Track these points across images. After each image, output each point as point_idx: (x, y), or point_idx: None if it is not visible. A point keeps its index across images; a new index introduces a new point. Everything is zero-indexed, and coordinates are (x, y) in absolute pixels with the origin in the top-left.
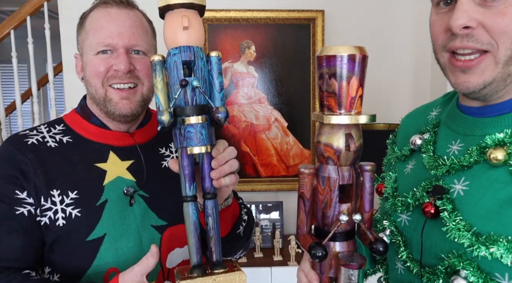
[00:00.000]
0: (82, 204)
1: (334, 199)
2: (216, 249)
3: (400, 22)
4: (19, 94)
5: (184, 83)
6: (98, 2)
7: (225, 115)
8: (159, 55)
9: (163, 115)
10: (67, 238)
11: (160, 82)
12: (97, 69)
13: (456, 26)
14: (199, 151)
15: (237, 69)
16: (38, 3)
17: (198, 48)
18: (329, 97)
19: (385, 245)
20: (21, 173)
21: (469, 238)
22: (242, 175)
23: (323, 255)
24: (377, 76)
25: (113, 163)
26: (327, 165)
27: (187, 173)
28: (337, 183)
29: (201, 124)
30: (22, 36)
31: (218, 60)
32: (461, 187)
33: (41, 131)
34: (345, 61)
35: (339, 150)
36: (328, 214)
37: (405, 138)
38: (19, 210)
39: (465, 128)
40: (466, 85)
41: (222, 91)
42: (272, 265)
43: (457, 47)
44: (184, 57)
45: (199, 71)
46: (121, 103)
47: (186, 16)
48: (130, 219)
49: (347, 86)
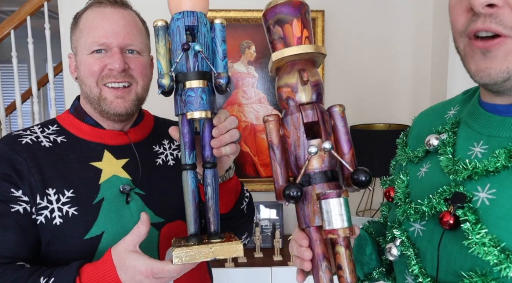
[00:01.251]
0: (79, 203)
1: (301, 136)
2: (214, 219)
3: (400, 22)
4: (19, 94)
5: (186, 47)
6: (92, 1)
7: (227, 81)
8: (162, 20)
9: (163, 78)
10: (64, 236)
11: (162, 48)
12: (92, 68)
13: (479, 3)
14: (199, 116)
15: (237, 69)
16: (38, 3)
17: (202, 13)
18: (278, 43)
19: (367, 175)
20: (15, 172)
21: (496, 255)
22: (242, 175)
23: (298, 194)
24: (377, 75)
25: (108, 162)
26: (289, 107)
27: (187, 141)
28: (300, 119)
29: (202, 88)
30: (22, 36)
31: (222, 27)
32: (487, 195)
33: (35, 131)
34: (283, 8)
35: (295, 86)
36: (299, 155)
37: (418, 138)
38: (15, 208)
39: (489, 128)
40: (487, 72)
41: (226, 59)
42: (272, 265)
43: (478, 29)
44: (187, 22)
45: (202, 37)
46: (116, 102)
47: None
48: (127, 217)
49: (290, 28)
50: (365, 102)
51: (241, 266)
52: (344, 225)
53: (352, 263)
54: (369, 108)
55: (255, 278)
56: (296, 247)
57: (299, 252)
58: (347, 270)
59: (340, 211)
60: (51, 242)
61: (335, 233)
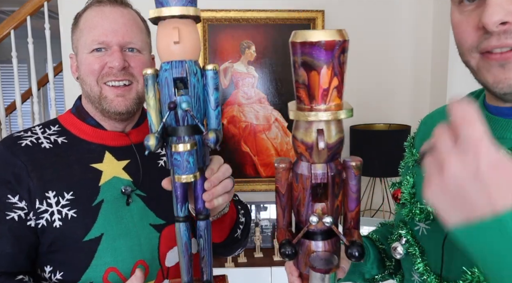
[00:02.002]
0: (78, 205)
1: (307, 198)
2: (207, 269)
3: (400, 22)
4: (19, 94)
5: (173, 106)
6: (92, 1)
7: (215, 141)
8: (151, 68)
9: (149, 140)
10: (64, 239)
11: (152, 99)
12: (92, 67)
13: (493, 23)
14: (186, 181)
15: (237, 69)
16: (38, 3)
17: (191, 62)
18: (301, 89)
19: (360, 250)
20: (14, 176)
21: None
22: (242, 175)
23: (292, 253)
24: (377, 76)
25: (109, 163)
26: (301, 161)
27: (179, 194)
28: (309, 181)
29: (188, 152)
30: (22, 36)
31: (214, 74)
32: None
33: (36, 132)
34: (313, 50)
35: (310, 146)
36: (302, 212)
37: (424, 140)
38: (10, 215)
39: (494, 130)
40: (507, 82)
41: (218, 108)
42: (272, 265)
43: (494, 46)
44: (175, 74)
45: (191, 88)
46: (116, 101)
47: (177, 28)
48: (128, 219)
49: (317, 76)
50: (365, 102)
51: (241, 266)
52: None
53: None
54: (369, 108)
55: (255, 278)
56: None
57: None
58: None
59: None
60: (52, 244)
61: None
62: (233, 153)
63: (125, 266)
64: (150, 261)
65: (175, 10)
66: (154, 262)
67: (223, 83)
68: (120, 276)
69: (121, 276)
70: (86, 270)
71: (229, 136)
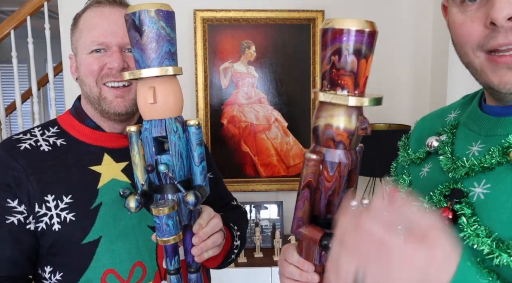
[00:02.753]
0: (76, 208)
1: (343, 185)
2: None
3: (400, 22)
4: (19, 94)
5: (150, 169)
6: (92, 1)
7: (194, 204)
8: (135, 126)
9: (129, 203)
10: (63, 242)
11: (136, 156)
12: (91, 67)
13: (502, 17)
14: (166, 243)
15: (237, 69)
16: (38, 3)
17: (171, 120)
18: (346, 76)
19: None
20: (14, 180)
21: (489, 244)
22: (242, 175)
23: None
24: (377, 76)
25: (107, 165)
26: (335, 149)
27: (168, 249)
28: (347, 168)
29: (167, 216)
30: (22, 36)
31: (196, 129)
32: (482, 190)
33: (35, 134)
34: (368, 38)
35: (352, 133)
36: (334, 202)
37: (419, 140)
38: (9, 219)
39: (486, 129)
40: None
41: (202, 163)
42: (272, 265)
43: (501, 44)
44: (155, 133)
45: (172, 147)
46: (116, 102)
47: (153, 88)
48: (126, 221)
49: (365, 64)
50: None
51: (241, 266)
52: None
53: None
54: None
55: (255, 278)
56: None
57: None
58: None
59: None
60: (52, 247)
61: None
62: (233, 153)
63: (123, 268)
64: (148, 262)
65: (151, 72)
66: (152, 264)
67: (223, 83)
68: (118, 277)
69: (119, 278)
70: (85, 272)
71: (229, 136)
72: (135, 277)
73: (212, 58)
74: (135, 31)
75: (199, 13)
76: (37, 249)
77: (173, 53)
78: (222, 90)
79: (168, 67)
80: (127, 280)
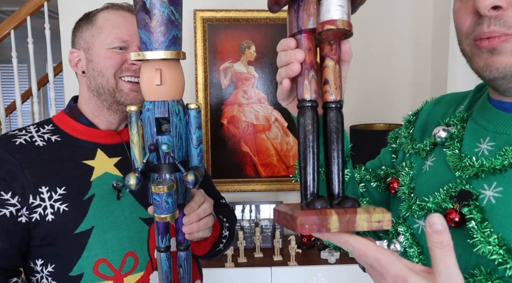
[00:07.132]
0: (70, 199)
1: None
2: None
3: (400, 20)
4: (19, 94)
5: (153, 148)
6: (111, 5)
7: (194, 183)
8: (135, 106)
9: (129, 180)
10: (56, 231)
11: (135, 136)
12: (113, 61)
13: (484, 6)
14: (164, 220)
15: (237, 69)
16: (38, 3)
17: (174, 102)
18: None
19: None
20: (8, 173)
21: (502, 254)
22: (242, 175)
23: None
24: (377, 76)
25: (100, 160)
26: None
27: (160, 227)
28: None
29: (167, 194)
30: (22, 36)
31: (196, 113)
32: (493, 193)
33: (30, 131)
34: None
35: None
36: None
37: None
38: (1, 211)
39: (497, 125)
40: (495, 66)
41: (200, 145)
42: (272, 265)
43: (484, 33)
44: (157, 114)
45: (173, 128)
46: (132, 95)
47: (159, 70)
48: (118, 212)
49: None
50: (365, 102)
51: (241, 266)
52: (344, 17)
53: (339, 79)
54: (369, 108)
55: (255, 278)
56: (285, 52)
57: (288, 54)
58: (333, 85)
59: (341, 2)
60: (45, 238)
61: (333, 23)
62: (233, 152)
63: (115, 258)
64: (139, 253)
65: (158, 54)
66: (144, 254)
67: (223, 83)
68: (110, 267)
69: (111, 267)
70: (77, 262)
71: (229, 136)
72: (127, 267)
73: (212, 58)
74: (145, 13)
75: (199, 13)
76: (28, 242)
77: (179, 38)
78: (222, 90)
79: (177, 51)
80: (119, 269)
